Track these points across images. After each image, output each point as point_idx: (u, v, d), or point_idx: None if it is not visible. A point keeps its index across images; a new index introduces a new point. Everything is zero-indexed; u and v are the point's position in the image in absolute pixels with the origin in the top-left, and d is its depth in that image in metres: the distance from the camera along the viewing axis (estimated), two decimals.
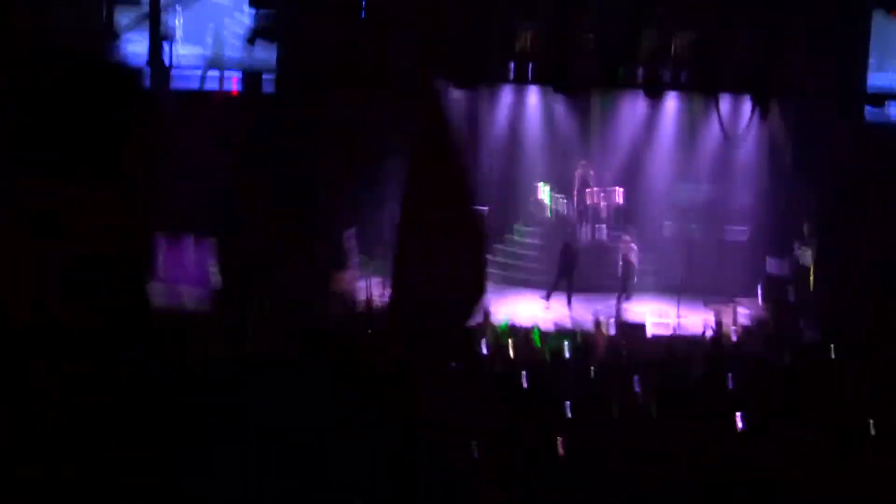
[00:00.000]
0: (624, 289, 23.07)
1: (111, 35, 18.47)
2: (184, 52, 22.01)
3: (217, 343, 14.92)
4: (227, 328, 16.63)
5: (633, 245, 23.38)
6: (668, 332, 21.07)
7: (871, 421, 12.93)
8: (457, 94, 23.82)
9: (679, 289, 22.25)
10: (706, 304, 22.56)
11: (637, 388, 14.44)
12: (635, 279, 23.25)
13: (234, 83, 21.64)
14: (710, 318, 20.98)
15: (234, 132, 20.84)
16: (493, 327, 19.90)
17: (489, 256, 25.13)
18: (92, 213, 1.10)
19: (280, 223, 20.10)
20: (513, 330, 19.99)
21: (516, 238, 25.75)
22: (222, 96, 21.87)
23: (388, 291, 22.34)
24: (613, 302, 22.70)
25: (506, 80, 23.37)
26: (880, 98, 19.34)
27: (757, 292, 22.93)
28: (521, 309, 21.67)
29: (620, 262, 23.19)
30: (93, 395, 1.08)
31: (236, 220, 20.28)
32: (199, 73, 21.88)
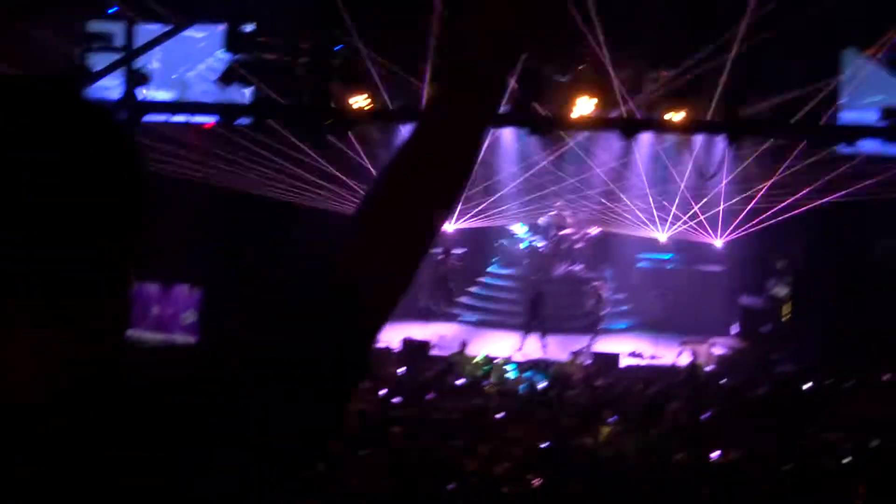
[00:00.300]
0: (593, 327, 22.97)
1: (85, 78, 18.46)
2: (158, 95, 22.04)
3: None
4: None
5: (601, 284, 23.33)
6: (642, 363, 21.15)
7: (846, 452, 12.94)
8: None
9: (654, 327, 22.29)
10: (682, 343, 22.58)
11: (611, 420, 14.42)
12: (604, 318, 23.17)
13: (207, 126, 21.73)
14: (685, 354, 21.04)
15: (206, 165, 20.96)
16: (469, 360, 19.92)
17: (462, 299, 25.21)
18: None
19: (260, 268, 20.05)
20: (488, 362, 20.01)
21: (490, 280, 25.80)
22: (197, 130, 21.96)
23: None
24: (587, 340, 22.67)
25: None
26: (852, 134, 19.41)
27: (732, 328, 23.00)
28: (496, 349, 21.61)
29: (589, 302, 23.14)
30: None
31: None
32: (172, 115, 21.90)
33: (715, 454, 12.75)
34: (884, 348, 18.02)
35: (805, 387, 17.30)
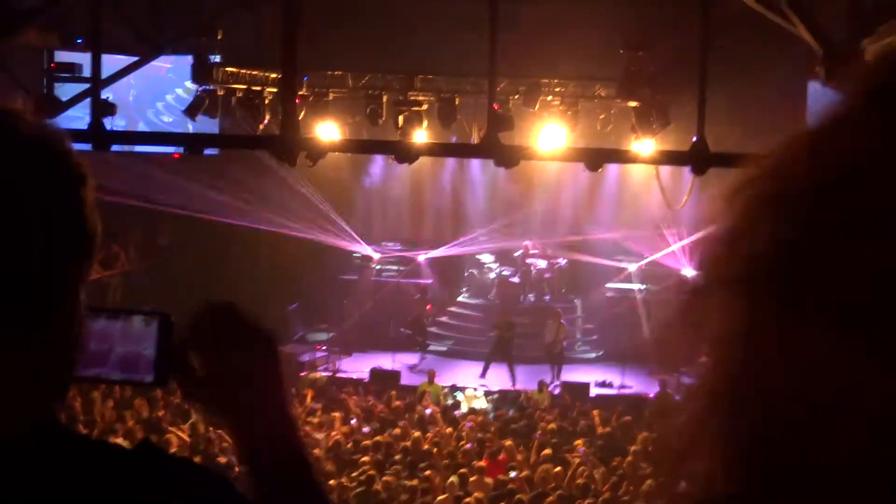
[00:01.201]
0: (556, 359, 22.85)
1: (52, 107, 18.39)
2: (125, 125, 22.00)
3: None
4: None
5: (562, 316, 23.25)
6: (612, 393, 21.17)
7: None
8: (401, 167, 24.04)
9: (624, 356, 22.29)
10: (651, 373, 22.60)
11: (581, 450, 14.42)
12: (564, 350, 23.06)
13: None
14: (654, 385, 21.08)
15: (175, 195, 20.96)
16: (438, 389, 19.88)
17: (431, 329, 25.20)
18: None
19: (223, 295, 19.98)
20: (458, 391, 20.00)
21: (459, 310, 25.81)
22: (164, 158, 21.95)
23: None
24: (552, 371, 22.59)
25: (447, 154, 23.55)
26: None
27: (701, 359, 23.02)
28: (464, 378, 21.58)
29: (550, 334, 22.99)
30: None
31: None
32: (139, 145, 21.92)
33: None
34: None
35: None
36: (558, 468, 13.42)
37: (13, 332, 1.26)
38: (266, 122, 20.00)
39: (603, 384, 21.85)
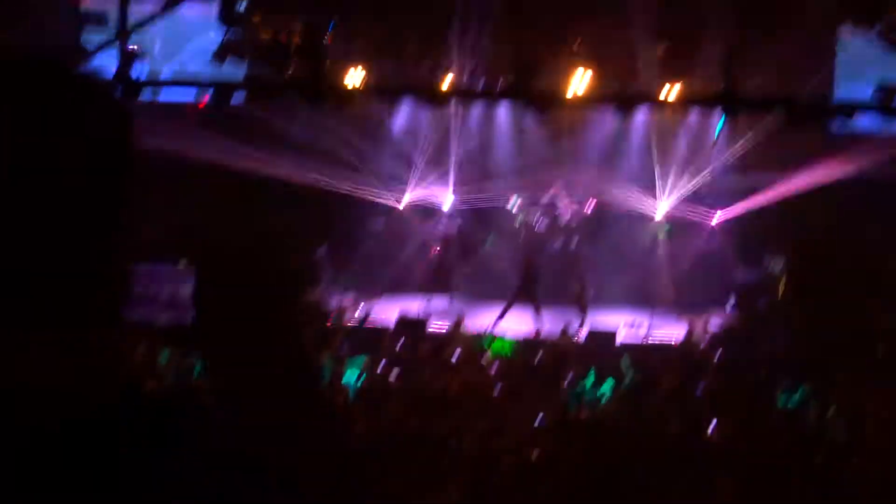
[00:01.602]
0: (580, 306, 22.83)
1: (80, 54, 18.44)
2: (153, 70, 22.02)
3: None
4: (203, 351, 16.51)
5: (586, 264, 23.18)
6: (638, 340, 21.17)
7: (844, 425, 13.01)
8: (426, 112, 23.98)
9: (650, 302, 22.28)
10: (678, 316, 22.62)
11: (607, 395, 14.48)
12: (589, 298, 23.01)
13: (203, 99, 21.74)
14: (682, 328, 21.11)
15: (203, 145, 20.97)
16: (465, 334, 19.95)
17: (459, 274, 25.23)
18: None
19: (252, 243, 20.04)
20: (485, 337, 20.06)
21: (486, 254, 25.79)
22: (191, 108, 21.97)
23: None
24: (576, 317, 22.62)
25: (475, 96, 23.46)
26: (846, 110, 19.45)
27: (728, 303, 23.01)
28: (490, 323, 21.62)
29: (575, 283, 22.95)
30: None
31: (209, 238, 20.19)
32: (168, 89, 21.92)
33: (710, 426, 12.82)
34: (879, 324, 18.08)
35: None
36: (585, 412, 13.49)
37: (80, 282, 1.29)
38: (293, 68, 19.95)
39: (632, 325, 21.86)
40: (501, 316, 22.05)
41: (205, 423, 1.41)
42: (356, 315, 22.60)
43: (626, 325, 21.69)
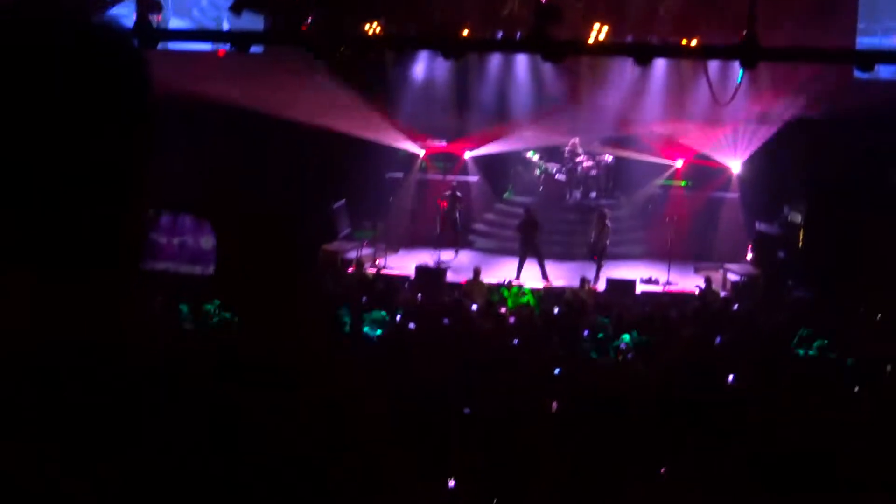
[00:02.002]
0: (598, 256, 22.77)
1: (98, 5, 18.40)
2: (172, 23, 22.04)
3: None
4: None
5: (607, 213, 23.07)
6: (657, 290, 21.21)
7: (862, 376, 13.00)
8: (445, 63, 23.90)
9: (668, 253, 22.25)
10: (696, 269, 22.63)
11: (624, 346, 14.48)
12: (607, 247, 22.92)
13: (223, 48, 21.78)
14: (699, 281, 21.11)
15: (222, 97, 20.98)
16: (483, 286, 19.99)
17: (477, 226, 25.24)
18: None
19: (272, 193, 20.12)
20: (503, 288, 20.10)
21: (505, 206, 25.80)
22: (211, 57, 22.03)
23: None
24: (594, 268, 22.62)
25: (493, 48, 23.37)
26: (868, 57, 19.28)
27: (747, 254, 23.01)
28: (509, 275, 21.63)
29: (593, 230, 22.87)
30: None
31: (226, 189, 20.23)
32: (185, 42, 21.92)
33: (729, 378, 12.82)
34: None
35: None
36: (604, 364, 13.50)
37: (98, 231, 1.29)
38: (311, 18, 19.87)
39: (648, 281, 21.86)
40: (520, 268, 22.03)
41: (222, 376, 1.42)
42: (375, 266, 22.68)
43: (642, 281, 21.68)
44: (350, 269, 21.99)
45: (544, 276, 21.73)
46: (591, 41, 19.77)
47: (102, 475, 1.23)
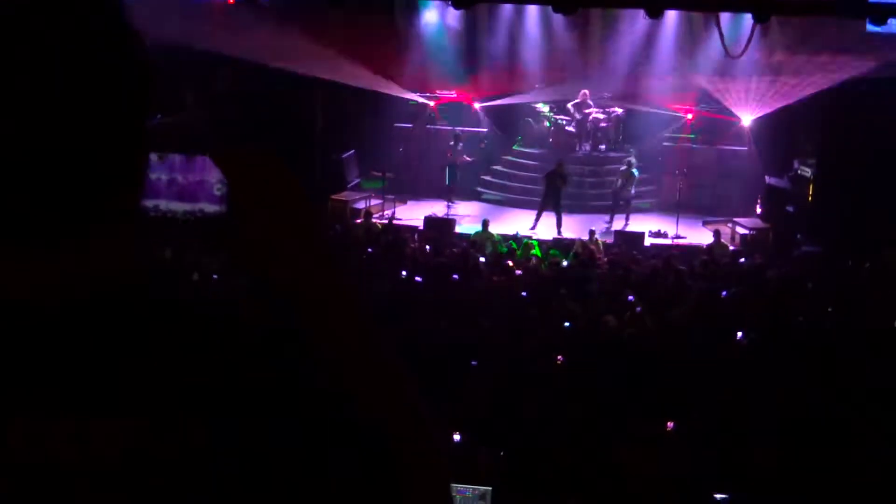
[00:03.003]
0: (623, 207, 22.81)
1: None
2: None
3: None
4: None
5: (633, 160, 23.05)
6: (666, 243, 21.22)
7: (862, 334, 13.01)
8: (455, 14, 23.78)
9: (678, 206, 22.23)
10: (705, 223, 22.63)
11: (633, 299, 14.49)
12: (632, 198, 22.96)
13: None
14: (708, 235, 21.12)
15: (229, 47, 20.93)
16: (492, 238, 19.99)
17: (486, 177, 25.19)
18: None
19: (281, 143, 20.08)
20: (513, 240, 20.11)
21: (514, 158, 25.74)
22: (219, 5, 21.97)
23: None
24: (607, 219, 22.62)
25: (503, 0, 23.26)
26: (881, 10, 19.13)
27: (756, 209, 22.98)
28: (518, 227, 21.63)
29: (619, 181, 22.88)
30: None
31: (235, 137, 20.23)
32: None
33: (739, 335, 12.84)
34: None
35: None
36: (612, 318, 13.49)
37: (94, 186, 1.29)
38: None
39: (657, 234, 21.85)
40: (538, 218, 22.04)
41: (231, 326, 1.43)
42: (383, 216, 22.67)
43: (651, 234, 21.69)
44: (358, 220, 21.99)
45: (559, 229, 21.72)
46: None
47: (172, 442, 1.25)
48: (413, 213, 23.06)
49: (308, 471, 1.33)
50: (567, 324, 13.28)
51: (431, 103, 25.67)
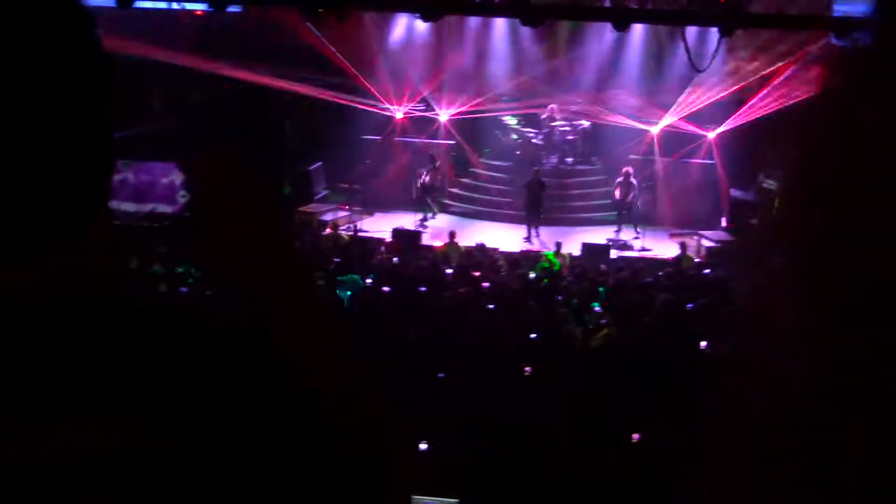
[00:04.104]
0: (623, 216, 22.95)
1: None
2: None
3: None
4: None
5: (631, 170, 23.15)
6: (632, 255, 21.30)
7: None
8: (423, 26, 23.79)
9: (644, 219, 22.32)
10: (671, 235, 22.71)
11: (600, 309, 14.51)
12: (635, 203, 23.07)
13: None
14: (674, 247, 21.20)
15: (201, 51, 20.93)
16: (458, 250, 19.97)
17: (453, 190, 25.21)
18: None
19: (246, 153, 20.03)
20: (480, 252, 20.12)
21: (481, 171, 25.76)
22: (186, 16, 21.95)
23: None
24: (576, 232, 22.69)
25: (471, 12, 23.25)
26: (845, 25, 19.27)
27: (722, 221, 23.09)
28: (484, 238, 21.67)
29: (618, 192, 23.00)
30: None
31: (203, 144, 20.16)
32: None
33: (703, 344, 12.86)
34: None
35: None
36: (579, 329, 13.52)
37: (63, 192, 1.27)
38: None
39: (623, 246, 21.93)
40: (528, 237, 22.26)
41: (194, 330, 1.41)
42: (350, 228, 22.65)
43: (617, 246, 21.79)
44: (326, 232, 21.95)
45: (538, 238, 21.89)
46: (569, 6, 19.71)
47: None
48: (380, 226, 23.05)
49: (302, 472, 1.32)
50: (533, 335, 13.28)
51: (399, 115, 25.66)
